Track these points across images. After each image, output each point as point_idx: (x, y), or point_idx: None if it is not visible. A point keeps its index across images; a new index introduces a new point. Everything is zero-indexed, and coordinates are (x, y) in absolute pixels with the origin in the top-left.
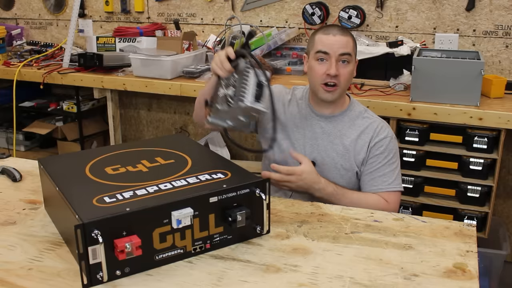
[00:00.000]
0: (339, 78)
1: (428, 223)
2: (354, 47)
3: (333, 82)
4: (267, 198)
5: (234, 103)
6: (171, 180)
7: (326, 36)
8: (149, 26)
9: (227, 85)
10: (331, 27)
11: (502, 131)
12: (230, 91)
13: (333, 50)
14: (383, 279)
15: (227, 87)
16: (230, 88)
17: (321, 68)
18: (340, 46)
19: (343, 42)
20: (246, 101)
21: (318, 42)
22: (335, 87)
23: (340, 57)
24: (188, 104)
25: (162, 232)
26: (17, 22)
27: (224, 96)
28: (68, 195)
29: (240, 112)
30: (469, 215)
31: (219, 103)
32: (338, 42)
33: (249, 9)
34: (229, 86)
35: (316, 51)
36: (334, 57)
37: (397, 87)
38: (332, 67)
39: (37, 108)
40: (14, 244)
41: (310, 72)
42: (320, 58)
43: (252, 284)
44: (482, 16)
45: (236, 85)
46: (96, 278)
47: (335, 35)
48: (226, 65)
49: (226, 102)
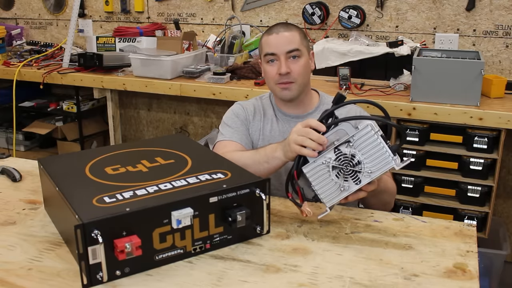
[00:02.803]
0: (292, 74)
1: (428, 223)
2: (303, 39)
3: (286, 80)
4: (267, 198)
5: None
6: (171, 180)
7: (270, 37)
8: (149, 26)
9: (337, 164)
10: (274, 26)
11: (502, 131)
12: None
13: (279, 49)
14: (383, 279)
15: (336, 167)
16: (342, 164)
17: (272, 69)
18: (285, 43)
19: (288, 38)
20: (394, 164)
21: (265, 44)
22: (290, 84)
23: (288, 54)
24: (188, 104)
25: (162, 232)
26: (17, 22)
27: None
28: (68, 195)
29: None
30: (469, 215)
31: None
32: (283, 39)
33: (249, 9)
34: (339, 160)
35: (264, 54)
36: (282, 56)
37: (397, 87)
38: (282, 65)
39: (37, 108)
40: (14, 244)
41: (264, 75)
42: (270, 60)
43: (252, 284)
44: (482, 16)
45: (356, 155)
46: (96, 278)
47: (279, 33)
48: (323, 140)
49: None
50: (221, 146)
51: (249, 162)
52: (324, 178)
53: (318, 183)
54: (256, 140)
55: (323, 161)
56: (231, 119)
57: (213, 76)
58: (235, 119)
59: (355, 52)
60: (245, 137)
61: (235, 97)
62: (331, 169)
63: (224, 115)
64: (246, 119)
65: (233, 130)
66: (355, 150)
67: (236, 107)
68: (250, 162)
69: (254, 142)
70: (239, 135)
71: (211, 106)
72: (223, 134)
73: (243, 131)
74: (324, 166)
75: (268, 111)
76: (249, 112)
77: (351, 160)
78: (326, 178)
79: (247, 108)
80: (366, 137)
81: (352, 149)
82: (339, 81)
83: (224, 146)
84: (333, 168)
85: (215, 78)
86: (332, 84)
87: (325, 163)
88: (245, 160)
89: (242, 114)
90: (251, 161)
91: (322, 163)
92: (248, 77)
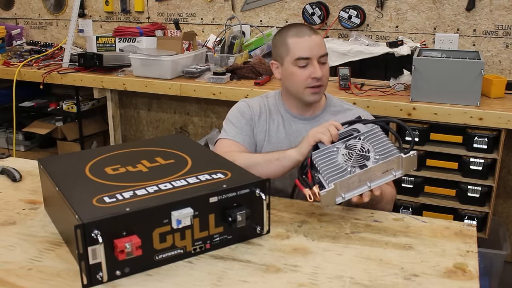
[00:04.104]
0: (323, 78)
1: (428, 223)
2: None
3: (318, 84)
4: (267, 198)
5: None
6: (171, 180)
7: (302, 40)
8: (149, 26)
9: (346, 152)
10: (300, 28)
11: (502, 131)
12: (354, 155)
13: (313, 53)
14: (383, 279)
15: (345, 154)
16: (351, 152)
17: (303, 72)
18: (318, 47)
19: (319, 42)
20: (401, 153)
21: (295, 47)
22: (320, 87)
23: (320, 58)
24: (188, 104)
25: (162, 232)
26: (17, 22)
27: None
28: (68, 195)
29: (381, 170)
30: (469, 215)
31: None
32: (315, 43)
33: (249, 9)
34: (349, 148)
35: (295, 58)
36: (315, 60)
37: (397, 87)
38: (317, 70)
39: (37, 108)
40: (14, 244)
41: (289, 78)
42: (302, 64)
43: (252, 284)
44: (482, 16)
45: (365, 146)
46: (96, 278)
47: (311, 36)
48: (334, 130)
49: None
50: (225, 145)
51: (259, 161)
52: (331, 162)
53: (324, 165)
54: (262, 141)
55: (334, 148)
56: (236, 117)
57: (213, 76)
58: (240, 117)
59: (355, 52)
60: (248, 138)
61: (235, 97)
62: (340, 156)
63: (229, 111)
64: (252, 119)
65: (237, 129)
66: (364, 142)
67: (241, 105)
68: (260, 161)
69: (259, 143)
70: (243, 135)
71: (211, 106)
72: (227, 132)
73: (247, 132)
74: (333, 152)
75: (274, 111)
76: (255, 111)
77: (360, 149)
78: (333, 161)
79: (253, 107)
80: (375, 133)
81: (362, 142)
82: (339, 81)
83: (227, 146)
84: (342, 155)
85: (215, 78)
86: (332, 84)
87: (335, 150)
88: (255, 159)
89: (248, 113)
90: (261, 160)
91: (332, 150)
92: (248, 77)
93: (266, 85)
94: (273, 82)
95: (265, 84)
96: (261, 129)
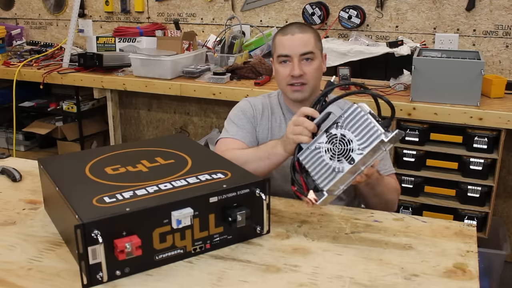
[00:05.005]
0: (305, 76)
1: (428, 223)
2: (317, 42)
3: (299, 82)
4: (267, 198)
5: (364, 148)
6: (171, 180)
7: (285, 38)
8: (149, 26)
9: (330, 147)
10: (289, 26)
11: (502, 131)
12: (337, 149)
13: (294, 51)
14: (383, 279)
15: (329, 149)
16: (334, 146)
17: (284, 70)
18: (300, 46)
19: (303, 41)
20: (383, 136)
21: (279, 45)
22: (303, 86)
23: (302, 56)
24: (188, 104)
25: (162, 232)
26: (17, 22)
27: (336, 156)
28: (68, 195)
29: (370, 156)
30: (469, 215)
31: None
32: (298, 41)
33: (249, 9)
34: (332, 143)
35: (277, 55)
36: (296, 58)
37: (397, 87)
38: (295, 68)
39: (37, 108)
40: (14, 244)
41: (276, 75)
42: (282, 61)
43: (252, 284)
44: (482, 16)
45: (346, 134)
46: (96, 278)
47: (294, 34)
48: (309, 125)
49: (347, 161)
50: (224, 143)
51: (250, 159)
52: (319, 163)
53: (314, 168)
54: (264, 139)
55: (315, 146)
56: (237, 116)
57: (213, 76)
58: (242, 116)
59: (355, 52)
60: (250, 135)
61: (235, 97)
62: (324, 153)
63: (231, 110)
64: (254, 117)
65: (238, 128)
66: (344, 130)
67: (244, 104)
68: (252, 159)
69: (262, 141)
70: (244, 133)
71: (211, 106)
72: (228, 131)
73: (248, 129)
74: (318, 150)
75: (276, 110)
76: (257, 110)
77: (341, 140)
78: (320, 162)
79: (255, 106)
80: (354, 115)
81: (341, 130)
82: (339, 81)
83: (226, 144)
84: (326, 152)
85: (215, 78)
86: None
87: (318, 147)
88: (246, 157)
89: (250, 112)
90: (252, 157)
91: (315, 148)
92: (248, 77)
93: (266, 85)
94: (273, 82)
95: (265, 84)
96: (263, 127)
